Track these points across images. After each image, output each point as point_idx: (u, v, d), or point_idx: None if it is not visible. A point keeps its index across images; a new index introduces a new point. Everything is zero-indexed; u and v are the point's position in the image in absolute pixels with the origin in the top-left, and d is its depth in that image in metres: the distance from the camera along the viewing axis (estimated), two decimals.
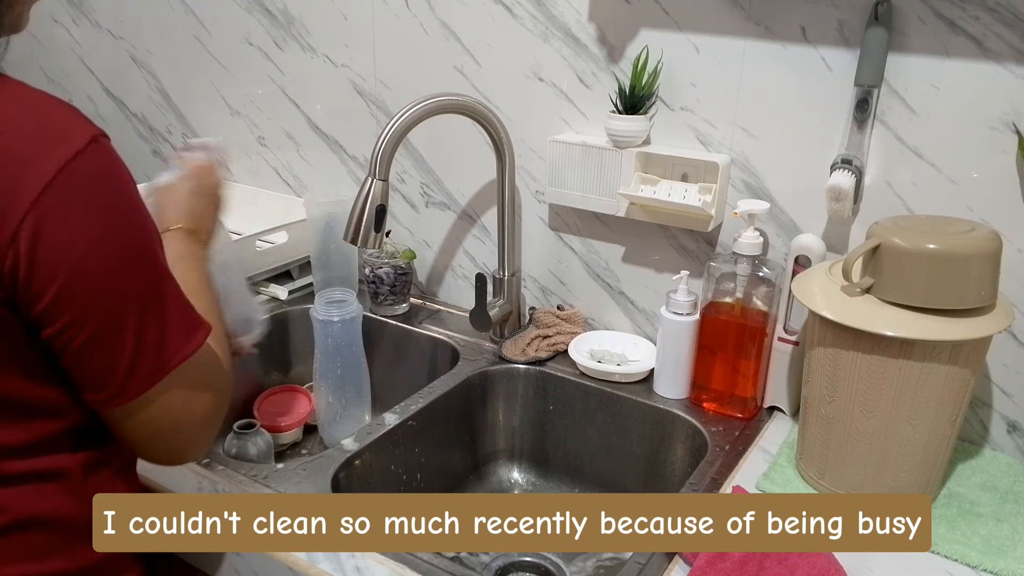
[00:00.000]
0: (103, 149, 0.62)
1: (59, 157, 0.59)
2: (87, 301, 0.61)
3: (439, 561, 0.78)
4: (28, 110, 0.61)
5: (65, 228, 0.59)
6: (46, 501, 0.68)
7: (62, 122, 0.61)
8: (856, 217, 1.00)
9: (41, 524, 0.68)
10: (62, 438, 0.68)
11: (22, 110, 0.61)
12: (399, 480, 1.04)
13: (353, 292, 1.17)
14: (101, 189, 0.61)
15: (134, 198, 0.64)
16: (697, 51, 1.04)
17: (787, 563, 0.74)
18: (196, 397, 0.69)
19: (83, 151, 0.60)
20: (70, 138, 0.60)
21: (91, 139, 0.61)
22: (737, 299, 1.02)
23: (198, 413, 0.70)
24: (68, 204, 0.59)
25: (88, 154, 0.60)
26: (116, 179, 0.63)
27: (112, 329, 0.63)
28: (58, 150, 0.59)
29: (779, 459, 0.95)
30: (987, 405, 0.99)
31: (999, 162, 0.90)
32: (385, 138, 0.99)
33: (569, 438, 1.15)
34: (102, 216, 0.61)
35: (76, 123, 0.61)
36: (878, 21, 0.90)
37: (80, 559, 0.70)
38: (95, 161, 0.61)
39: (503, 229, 1.19)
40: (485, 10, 1.17)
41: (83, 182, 0.60)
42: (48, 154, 0.59)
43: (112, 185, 0.62)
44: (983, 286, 0.80)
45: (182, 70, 1.56)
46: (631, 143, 1.08)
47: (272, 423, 1.19)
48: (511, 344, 1.19)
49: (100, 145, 0.61)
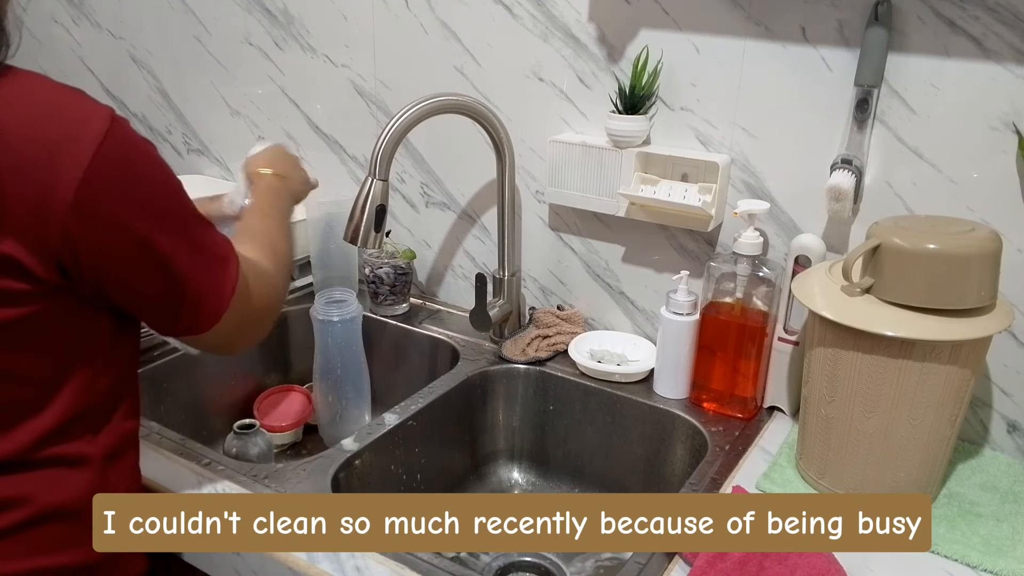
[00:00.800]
0: (120, 126, 0.65)
1: (89, 140, 0.61)
2: (139, 266, 0.67)
3: (439, 561, 0.78)
4: (43, 96, 0.63)
5: (111, 209, 0.63)
6: (70, 490, 0.69)
7: (78, 104, 0.64)
8: (856, 217, 1.00)
9: (63, 515, 0.69)
10: (86, 419, 0.70)
11: (37, 97, 0.63)
12: (399, 480, 1.04)
13: (353, 292, 1.17)
14: (132, 162, 0.65)
15: (158, 161, 0.68)
16: (697, 51, 1.04)
17: (787, 563, 0.74)
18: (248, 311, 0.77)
19: (110, 130, 0.63)
20: (92, 119, 0.63)
21: (110, 118, 0.63)
22: (737, 299, 1.02)
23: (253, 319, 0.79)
24: (108, 182, 0.63)
25: (115, 132, 0.63)
26: (142, 149, 0.67)
27: (168, 286, 0.69)
28: (85, 133, 0.62)
29: (779, 459, 0.95)
30: (987, 405, 0.99)
31: (999, 162, 0.90)
32: (385, 138, 0.99)
33: (569, 438, 1.15)
34: (140, 191, 0.66)
35: (90, 103, 0.64)
36: (878, 21, 0.90)
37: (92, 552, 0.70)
38: (121, 136, 0.64)
39: (503, 229, 1.19)
40: (485, 10, 1.17)
41: (117, 161, 0.63)
42: (77, 138, 0.61)
43: (140, 155, 0.66)
44: (983, 286, 0.80)
45: (182, 70, 1.56)
46: (631, 143, 1.08)
47: (272, 423, 1.20)
48: (511, 344, 1.19)
49: (118, 122, 0.65)
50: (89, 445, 0.70)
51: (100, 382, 0.71)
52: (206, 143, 1.60)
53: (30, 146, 0.60)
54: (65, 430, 0.69)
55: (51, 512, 0.68)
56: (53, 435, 0.68)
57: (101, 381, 0.71)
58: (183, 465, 0.91)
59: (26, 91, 0.63)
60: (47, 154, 0.60)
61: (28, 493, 0.67)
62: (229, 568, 0.84)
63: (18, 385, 0.66)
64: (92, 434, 0.71)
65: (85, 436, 0.70)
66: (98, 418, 0.72)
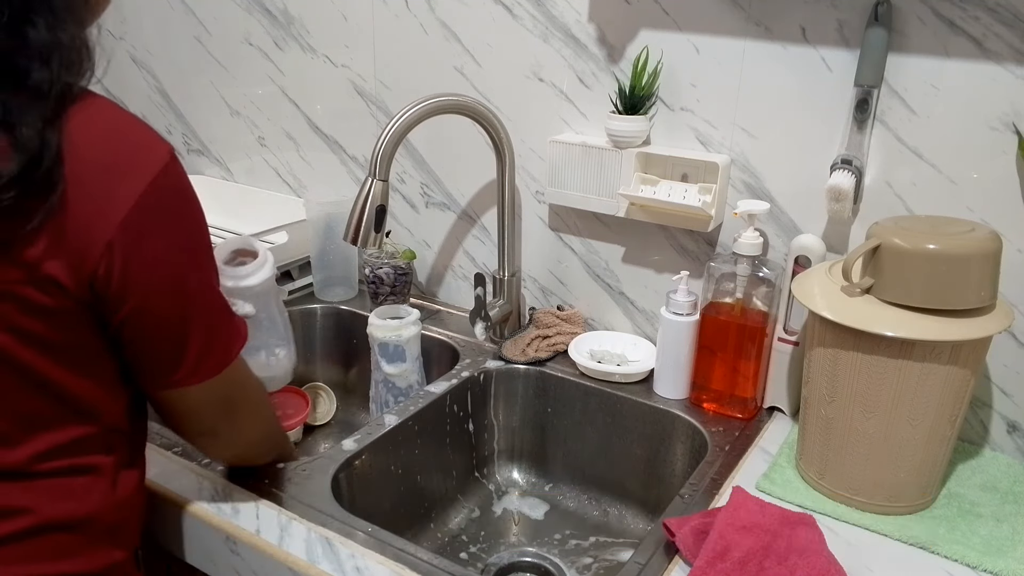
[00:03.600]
0: (177, 163, 0.67)
1: (148, 170, 0.63)
2: (166, 303, 0.68)
3: (439, 561, 0.78)
4: (115, 123, 0.65)
5: (154, 238, 0.65)
6: (78, 501, 0.69)
7: (141, 132, 0.65)
8: (856, 217, 1.00)
9: (68, 526, 0.69)
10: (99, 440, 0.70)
11: (110, 123, 0.65)
12: (399, 480, 1.04)
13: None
14: (182, 201, 0.68)
15: (200, 208, 0.70)
16: (697, 51, 1.04)
17: (787, 563, 0.74)
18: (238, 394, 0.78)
19: (169, 164, 0.65)
20: (153, 149, 0.65)
21: (170, 153, 0.65)
22: (737, 299, 1.02)
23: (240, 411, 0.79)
24: (157, 215, 0.65)
25: (172, 167, 0.66)
26: (190, 191, 0.69)
27: (185, 327, 0.70)
28: (145, 162, 0.64)
29: (779, 459, 0.95)
30: (987, 405, 0.99)
31: (999, 162, 0.90)
32: (385, 138, 0.99)
33: (569, 438, 1.15)
34: (182, 227, 0.68)
35: (154, 136, 0.66)
36: (878, 21, 0.90)
37: (98, 561, 0.71)
38: (175, 174, 0.66)
39: (503, 229, 1.19)
40: (485, 10, 1.17)
41: (169, 194, 0.66)
42: (136, 166, 0.63)
43: (188, 197, 0.68)
44: (983, 286, 0.80)
45: (182, 70, 1.56)
46: (631, 143, 1.08)
47: None
48: (511, 344, 1.18)
49: (175, 159, 0.66)
50: (100, 459, 0.70)
51: (118, 400, 0.71)
52: (206, 143, 1.60)
53: (96, 167, 0.62)
54: (78, 443, 0.69)
55: (56, 522, 0.68)
56: (65, 447, 0.68)
57: (119, 399, 0.72)
58: (183, 465, 0.91)
59: (101, 116, 0.64)
60: (109, 176, 0.62)
61: (33, 503, 0.67)
62: (229, 568, 0.84)
63: (39, 397, 0.66)
64: (105, 449, 0.71)
65: (96, 450, 0.70)
66: (112, 434, 0.72)
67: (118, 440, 0.72)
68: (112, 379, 0.70)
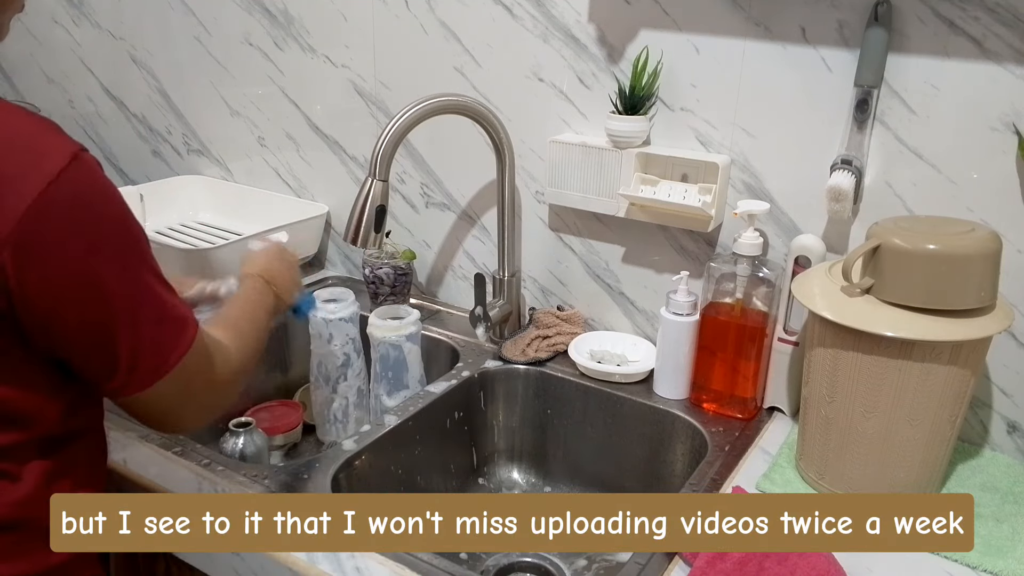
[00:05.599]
0: (85, 164, 0.63)
1: (41, 177, 0.60)
2: (80, 311, 0.64)
3: (439, 561, 0.78)
4: (8, 130, 0.62)
5: (53, 245, 0.61)
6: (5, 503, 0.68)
7: (41, 139, 0.62)
8: (856, 217, 1.00)
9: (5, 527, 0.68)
10: (30, 445, 0.69)
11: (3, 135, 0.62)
12: (399, 480, 1.04)
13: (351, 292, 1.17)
14: (86, 204, 0.63)
15: (119, 208, 0.66)
16: (697, 51, 1.04)
17: (787, 563, 0.74)
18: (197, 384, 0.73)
19: (66, 169, 0.61)
20: (51, 156, 0.61)
21: (72, 156, 0.62)
22: (737, 299, 1.02)
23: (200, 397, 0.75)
24: (53, 222, 0.61)
25: (71, 171, 0.62)
26: (101, 192, 0.65)
27: (109, 333, 0.66)
28: (39, 169, 0.60)
29: (779, 459, 0.95)
30: (987, 405, 0.99)
31: (999, 162, 0.90)
32: (385, 138, 0.99)
33: (569, 438, 1.15)
34: (89, 231, 0.63)
35: (55, 140, 0.63)
36: (878, 21, 0.90)
37: (38, 563, 0.70)
38: (78, 178, 0.62)
39: (503, 229, 1.19)
40: (485, 10, 1.17)
41: (68, 199, 0.62)
42: (28, 173, 0.60)
43: (97, 198, 0.64)
44: (983, 287, 0.80)
45: (182, 70, 1.56)
46: (631, 143, 1.08)
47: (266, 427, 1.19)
48: (511, 344, 1.18)
49: (82, 161, 0.63)
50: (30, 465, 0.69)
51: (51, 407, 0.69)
52: (206, 143, 1.60)
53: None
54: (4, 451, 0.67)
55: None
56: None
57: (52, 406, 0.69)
58: (182, 465, 0.91)
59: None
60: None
61: None
62: (229, 568, 0.84)
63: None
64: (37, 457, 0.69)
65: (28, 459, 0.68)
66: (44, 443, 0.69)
67: (52, 446, 0.70)
68: (45, 386, 0.68)
